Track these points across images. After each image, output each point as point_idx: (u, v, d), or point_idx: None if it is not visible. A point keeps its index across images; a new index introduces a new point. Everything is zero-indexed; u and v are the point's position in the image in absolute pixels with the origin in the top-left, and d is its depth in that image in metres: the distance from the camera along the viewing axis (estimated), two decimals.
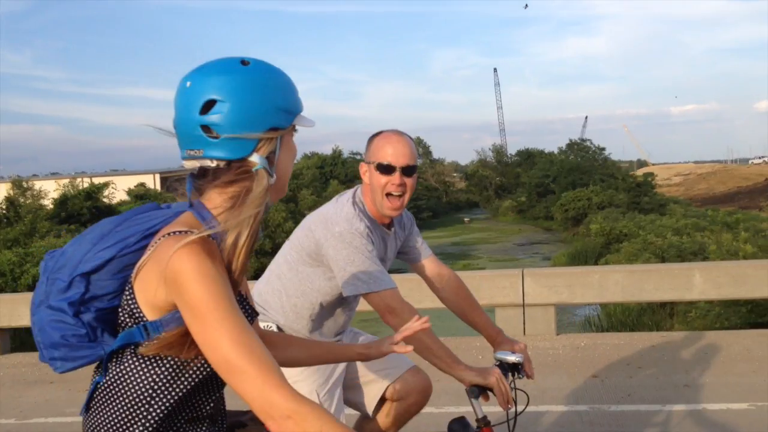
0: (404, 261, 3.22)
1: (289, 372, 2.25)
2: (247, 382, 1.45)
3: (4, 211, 32.93)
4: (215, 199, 1.63)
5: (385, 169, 2.77)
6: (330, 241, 2.77)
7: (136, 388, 1.60)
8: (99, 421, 1.63)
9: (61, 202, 35.54)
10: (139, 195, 45.72)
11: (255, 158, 1.60)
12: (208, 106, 1.56)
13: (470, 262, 36.81)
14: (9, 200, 33.65)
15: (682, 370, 6.18)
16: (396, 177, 2.77)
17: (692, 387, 5.69)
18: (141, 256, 1.60)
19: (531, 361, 2.75)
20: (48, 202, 37.78)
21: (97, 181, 44.99)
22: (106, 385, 1.63)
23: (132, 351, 1.60)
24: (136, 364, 1.60)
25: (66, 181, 39.24)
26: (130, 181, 53.62)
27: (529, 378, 2.73)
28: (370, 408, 3.11)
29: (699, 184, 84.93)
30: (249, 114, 1.57)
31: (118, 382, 1.61)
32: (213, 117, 1.56)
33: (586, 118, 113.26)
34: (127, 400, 1.60)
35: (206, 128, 1.57)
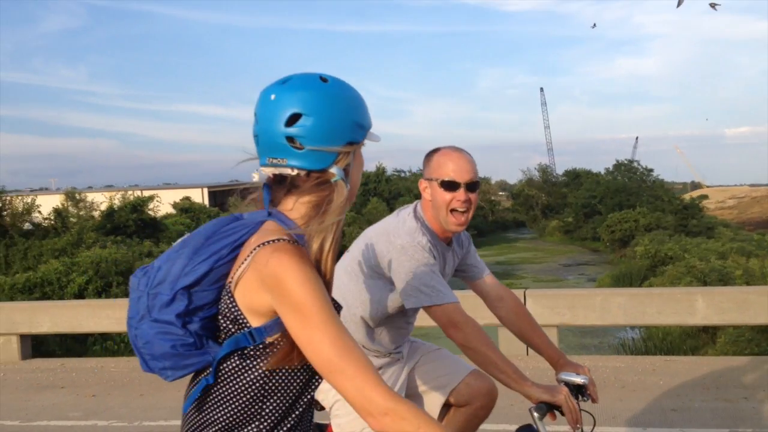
0: (462, 279, 3.18)
1: None
2: (347, 381, 1.56)
3: (52, 222, 33.86)
4: (293, 207, 1.73)
5: (449, 185, 2.77)
6: (392, 254, 2.78)
7: (248, 390, 1.70)
8: (212, 419, 1.72)
9: (108, 214, 36.35)
10: (184, 209, 46.56)
11: (334, 170, 1.71)
12: (293, 119, 1.67)
13: (513, 282, 36.56)
14: (57, 211, 34.57)
15: (674, 394, 6.19)
16: (461, 193, 2.77)
17: (678, 411, 5.70)
18: (233, 266, 1.70)
19: (595, 384, 2.68)
20: (98, 214, 38.67)
21: (148, 193, 45.92)
22: (217, 388, 1.72)
23: (239, 354, 1.69)
24: (244, 366, 1.70)
25: (114, 193, 40.05)
26: (179, 195, 54.65)
27: (594, 401, 2.66)
28: (434, 416, 3.01)
29: (753, 207, 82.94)
30: (331, 128, 1.68)
31: (229, 384, 1.71)
32: (297, 129, 1.67)
33: (637, 138, 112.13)
34: (239, 402, 1.70)
35: (290, 139, 1.67)
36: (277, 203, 1.76)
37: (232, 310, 1.67)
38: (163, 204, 43.47)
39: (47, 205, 36.53)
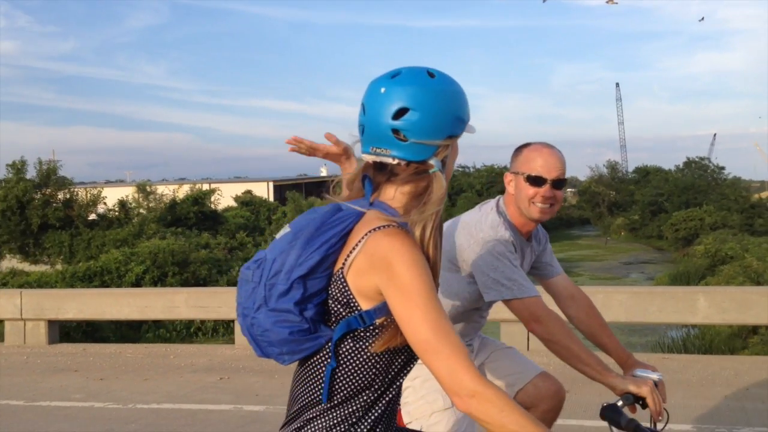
0: (536, 276, 3.15)
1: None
2: (440, 361, 1.63)
3: (116, 213, 35.00)
4: (394, 196, 1.82)
5: (536, 180, 2.78)
6: (473, 247, 2.80)
7: (360, 367, 1.79)
8: (334, 395, 1.81)
9: (170, 206, 37.39)
10: (245, 202, 47.47)
11: (433, 161, 1.78)
12: (400, 113, 1.75)
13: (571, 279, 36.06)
14: (121, 203, 35.70)
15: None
16: (546, 189, 2.78)
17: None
18: (341, 253, 1.78)
19: (665, 384, 2.63)
20: (162, 206, 39.73)
21: (216, 186, 46.89)
22: (340, 370, 1.80)
23: (351, 336, 1.78)
24: (356, 346, 1.78)
25: (177, 186, 41.11)
26: (246, 188, 55.65)
27: (664, 401, 2.58)
28: None
29: None
30: (435, 123, 1.76)
31: (346, 365, 1.80)
32: (404, 123, 1.75)
33: (715, 135, 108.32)
34: (353, 382, 1.80)
35: (396, 131, 1.75)
36: (377, 191, 1.85)
37: (345, 293, 1.76)
38: (224, 197, 44.45)
39: (121, 196, 37.73)
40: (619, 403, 2.39)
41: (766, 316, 7.41)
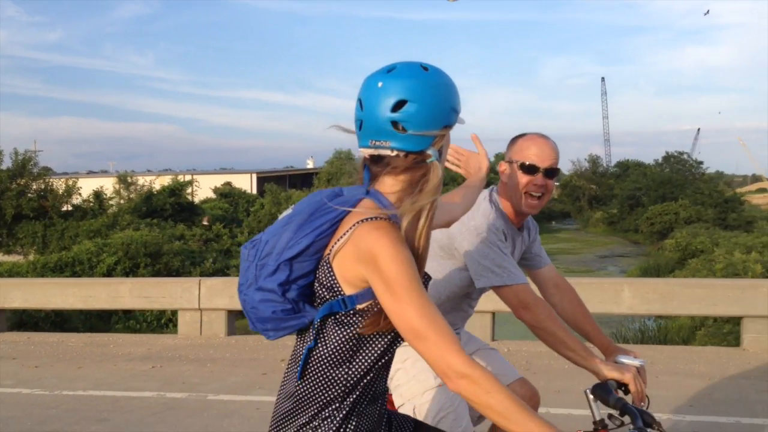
0: (524, 267, 3.19)
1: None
2: (430, 347, 1.71)
3: (91, 204, 34.93)
4: (391, 185, 1.88)
5: (528, 169, 2.83)
6: (464, 235, 2.84)
7: (339, 350, 1.86)
8: (308, 377, 1.90)
9: (146, 197, 37.32)
10: (224, 193, 47.43)
11: (431, 151, 1.84)
12: (398, 105, 1.80)
13: None
14: (96, 194, 35.62)
15: (558, 376, 6.33)
16: (538, 177, 2.83)
17: (562, 392, 5.87)
18: (332, 239, 1.85)
19: (646, 370, 2.70)
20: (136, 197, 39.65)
21: (202, 177, 46.87)
22: (316, 349, 1.89)
23: (333, 319, 1.86)
24: (337, 329, 1.86)
25: (155, 177, 41.00)
26: (230, 180, 55.51)
27: (645, 386, 2.67)
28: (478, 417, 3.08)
29: None
30: (432, 114, 1.82)
31: (324, 345, 1.88)
32: (403, 115, 1.80)
33: (698, 130, 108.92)
34: (331, 361, 1.87)
35: (395, 124, 1.81)
36: (376, 182, 1.91)
37: (329, 278, 1.83)
38: (203, 188, 44.41)
39: (106, 187, 37.53)
40: (591, 401, 2.46)
41: (688, 307, 7.61)
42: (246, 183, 59.11)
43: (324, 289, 1.85)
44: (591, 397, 2.45)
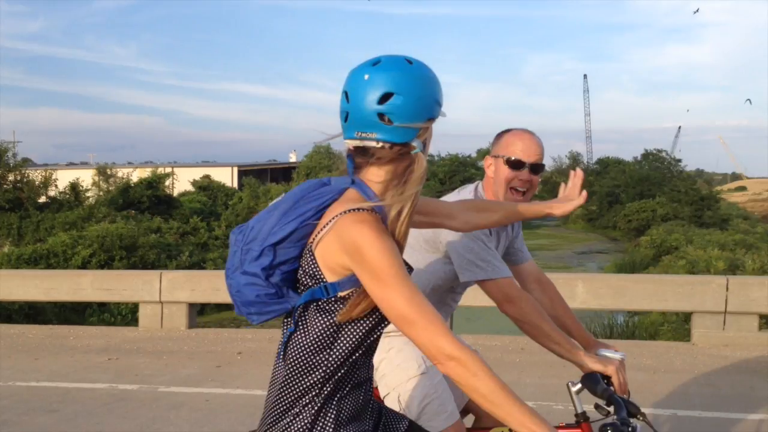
0: (507, 262, 3.17)
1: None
2: (419, 332, 1.77)
3: (67, 196, 34.74)
4: (376, 175, 1.92)
5: (514, 164, 2.85)
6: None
7: (319, 336, 1.91)
8: (290, 363, 1.95)
9: (124, 189, 37.17)
10: (203, 186, 47.31)
11: (416, 143, 1.89)
12: (385, 97, 1.84)
13: None
14: (72, 185, 35.44)
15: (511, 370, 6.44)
16: (524, 173, 2.85)
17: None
18: (316, 227, 1.90)
19: (625, 364, 2.71)
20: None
21: (185, 170, 46.55)
22: (297, 335, 1.94)
23: (315, 306, 1.91)
24: (318, 316, 1.91)
25: (132, 170, 40.83)
26: (212, 173, 55.32)
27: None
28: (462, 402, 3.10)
29: None
30: (417, 106, 1.86)
31: (305, 331, 1.93)
32: (389, 107, 1.84)
33: (680, 128, 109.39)
34: (312, 347, 1.92)
35: (381, 116, 1.85)
36: (360, 172, 1.95)
37: (312, 266, 1.89)
38: (181, 181, 44.23)
39: (85, 179, 37.27)
40: (573, 394, 2.52)
41: (639, 302, 7.75)
42: (227, 176, 58.96)
43: (307, 276, 1.91)
44: (574, 389, 2.51)
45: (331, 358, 1.92)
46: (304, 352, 1.92)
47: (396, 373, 2.90)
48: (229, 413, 5.68)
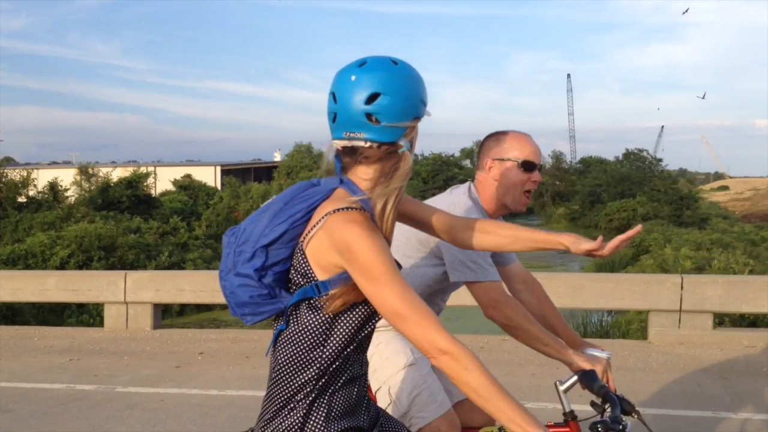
0: (494, 263, 3.15)
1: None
2: (412, 327, 1.81)
3: (46, 196, 34.55)
4: (364, 174, 1.97)
5: (529, 166, 2.87)
6: None
7: (312, 333, 1.95)
8: (284, 361, 1.98)
9: (103, 189, 36.99)
10: (183, 186, 47.17)
11: (402, 142, 1.94)
12: (372, 98, 1.88)
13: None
14: (51, 185, 35.25)
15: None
16: (536, 174, 2.90)
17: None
18: (306, 227, 1.94)
19: (611, 362, 2.75)
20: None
21: (170, 169, 46.25)
22: (288, 332, 1.97)
23: (306, 304, 1.94)
24: (311, 314, 1.95)
25: (111, 169, 40.63)
26: (193, 172, 55.12)
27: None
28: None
29: (765, 200, 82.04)
30: (404, 106, 1.91)
31: (298, 329, 1.96)
32: (376, 107, 1.88)
33: (662, 127, 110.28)
34: (306, 344, 1.95)
35: (369, 116, 1.89)
36: (349, 172, 1.99)
37: (303, 265, 1.93)
38: (162, 180, 44.08)
39: (67, 178, 37.03)
40: (561, 393, 2.52)
41: (596, 301, 7.86)
42: (210, 175, 58.80)
43: (298, 276, 1.95)
44: (562, 388, 2.52)
45: (324, 355, 1.96)
46: (298, 349, 1.96)
47: (385, 367, 2.93)
48: (182, 413, 5.73)
